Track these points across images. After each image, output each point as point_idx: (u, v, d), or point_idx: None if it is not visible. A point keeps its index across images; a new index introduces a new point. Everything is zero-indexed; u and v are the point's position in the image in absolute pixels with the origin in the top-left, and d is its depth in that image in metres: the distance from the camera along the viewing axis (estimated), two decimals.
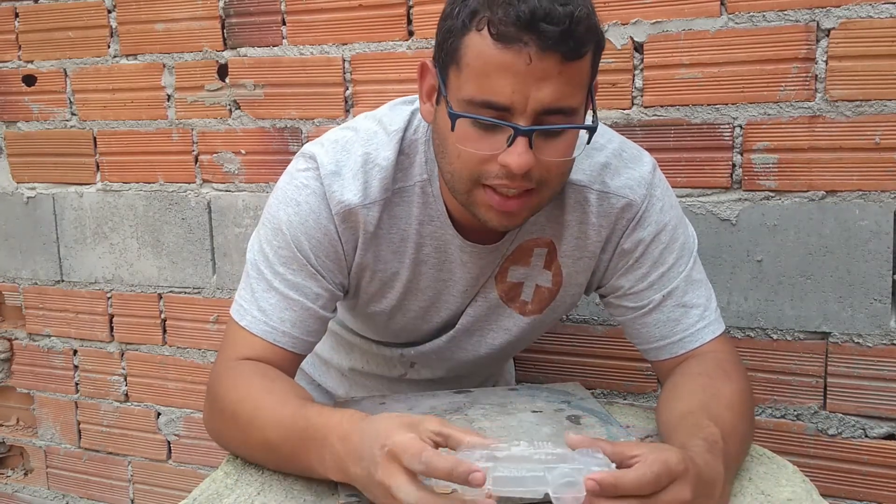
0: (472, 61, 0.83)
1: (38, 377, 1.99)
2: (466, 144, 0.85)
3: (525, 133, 0.82)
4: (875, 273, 1.28)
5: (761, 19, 1.28)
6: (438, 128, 0.91)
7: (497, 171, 0.85)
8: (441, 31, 0.87)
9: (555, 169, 0.87)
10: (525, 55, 0.80)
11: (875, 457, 1.34)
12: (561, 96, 0.82)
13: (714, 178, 1.35)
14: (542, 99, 0.81)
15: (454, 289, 1.06)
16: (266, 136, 1.65)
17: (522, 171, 0.83)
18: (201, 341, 1.79)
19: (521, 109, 0.82)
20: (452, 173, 0.89)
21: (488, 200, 0.88)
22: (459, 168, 0.88)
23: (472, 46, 0.82)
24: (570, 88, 0.83)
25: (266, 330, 0.98)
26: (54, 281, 1.91)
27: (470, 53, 0.83)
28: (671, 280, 1.02)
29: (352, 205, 0.97)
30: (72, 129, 1.82)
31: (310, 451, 0.83)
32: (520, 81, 0.81)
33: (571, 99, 0.84)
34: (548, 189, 0.89)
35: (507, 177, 0.85)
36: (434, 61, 0.90)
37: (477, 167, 0.87)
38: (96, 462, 1.97)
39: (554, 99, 0.82)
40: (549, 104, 0.82)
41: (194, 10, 1.65)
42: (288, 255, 0.98)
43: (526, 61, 0.80)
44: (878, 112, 1.24)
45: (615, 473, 0.69)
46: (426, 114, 0.94)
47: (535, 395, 1.09)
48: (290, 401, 0.89)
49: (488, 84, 0.82)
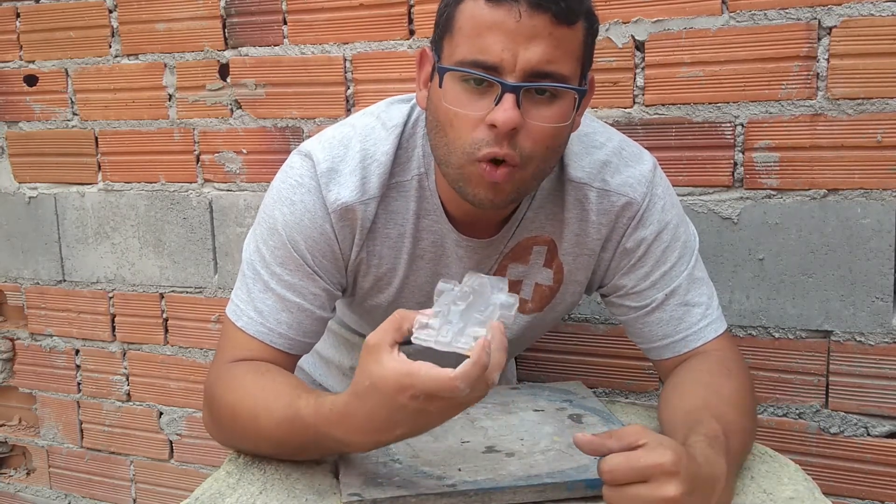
0: (464, 24, 0.84)
1: (40, 377, 1.99)
2: (456, 105, 0.86)
3: (512, 90, 0.83)
4: (877, 271, 1.28)
5: (762, 17, 1.28)
6: (432, 104, 0.91)
7: (486, 135, 0.85)
8: (438, 11, 0.90)
9: (542, 137, 0.86)
10: (515, 12, 0.81)
11: (877, 455, 1.34)
12: (550, 59, 0.83)
13: (715, 177, 1.35)
14: (531, 58, 0.82)
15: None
16: (267, 135, 1.65)
17: (508, 126, 0.83)
18: (203, 341, 1.79)
19: (510, 68, 0.82)
20: (447, 145, 0.88)
21: (479, 172, 0.86)
22: (453, 138, 0.87)
23: (466, 11, 0.85)
24: (560, 53, 0.84)
25: (262, 331, 0.98)
26: (56, 281, 1.91)
27: (463, 18, 0.85)
28: (673, 279, 1.02)
29: (349, 202, 0.96)
30: (73, 128, 1.82)
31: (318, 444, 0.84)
32: (509, 39, 0.82)
33: (561, 64, 0.84)
34: (532, 164, 0.87)
35: (495, 141, 0.84)
36: (431, 44, 0.91)
37: (468, 134, 0.86)
38: (98, 462, 1.97)
39: (543, 60, 0.82)
40: (538, 65, 0.82)
41: (195, 9, 1.65)
42: (284, 256, 0.98)
43: (515, 18, 0.81)
44: (880, 110, 1.24)
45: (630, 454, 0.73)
46: (421, 100, 0.94)
47: (537, 393, 1.09)
48: (282, 396, 0.88)
49: (478, 43, 0.83)
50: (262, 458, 0.94)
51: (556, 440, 0.94)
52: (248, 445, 0.95)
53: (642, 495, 0.72)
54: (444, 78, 0.86)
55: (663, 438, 0.75)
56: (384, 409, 0.75)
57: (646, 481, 0.72)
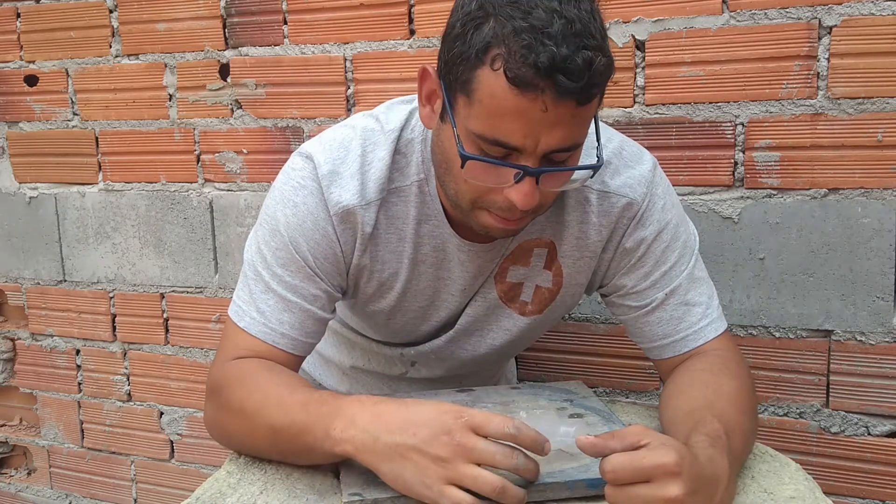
0: (484, 98, 0.81)
1: (40, 377, 1.99)
2: (474, 177, 0.86)
3: (533, 174, 0.83)
4: (878, 271, 1.28)
5: (763, 17, 1.28)
6: (442, 146, 0.90)
7: (501, 202, 0.87)
8: (449, 50, 0.84)
9: (554, 195, 0.90)
10: (540, 102, 0.78)
11: (878, 454, 1.34)
12: (571, 138, 0.83)
13: (716, 177, 1.35)
14: (552, 143, 0.82)
15: (452, 288, 1.06)
16: (268, 135, 1.65)
17: (528, 208, 0.85)
18: (204, 341, 1.80)
19: (531, 151, 0.82)
20: (457, 192, 0.90)
21: (491, 221, 0.90)
22: (465, 191, 0.89)
23: (485, 83, 0.80)
24: (581, 129, 0.84)
25: (265, 332, 0.98)
26: (57, 281, 1.91)
27: (482, 90, 0.81)
28: (674, 278, 1.02)
29: (350, 205, 0.96)
30: (74, 129, 1.83)
31: (317, 422, 0.84)
32: (532, 127, 0.80)
33: (579, 137, 0.85)
34: (544, 208, 0.92)
35: (509, 210, 0.87)
36: (438, 73, 0.88)
37: (482, 196, 0.88)
38: (99, 461, 1.97)
39: (564, 141, 0.83)
40: (559, 146, 0.83)
41: (196, 9, 1.65)
42: (286, 257, 0.98)
43: (541, 108, 0.79)
44: (881, 109, 1.24)
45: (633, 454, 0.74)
46: (426, 118, 0.93)
47: (538, 393, 1.09)
48: (300, 389, 0.90)
49: (500, 125, 0.81)
50: (262, 459, 0.94)
51: (557, 440, 0.94)
52: (248, 440, 0.94)
53: (645, 495, 0.72)
54: (460, 136, 0.85)
55: (666, 438, 0.75)
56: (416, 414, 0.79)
57: (648, 481, 0.72)
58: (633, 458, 0.73)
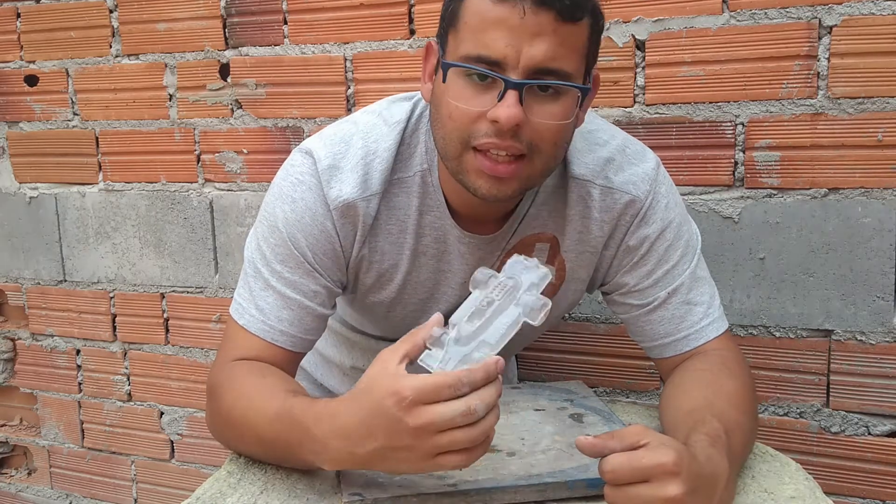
0: (469, 19, 0.85)
1: (41, 377, 1.99)
2: (459, 100, 0.86)
3: (515, 86, 0.82)
4: (878, 270, 1.28)
5: (763, 16, 1.28)
6: (435, 98, 0.91)
7: (487, 128, 0.85)
8: (444, 5, 0.90)
9: (546, 134, 0.86)
10: (519, 8, 0.81)
11: (878, 454, 1.34)
12: (554, 56, 0.83)
13: (716, 176, 1.35)
14: (535, 55, 0.82)
15: (453, 280, 1.06)
16: (268, 135, 1.65)
17: (511, 123, 0.83)
18: (204, 341, 1.80)
19: (514, 64, 0.82)
20: (444, 137, 0.89)
21: (479, 165, 0.87)
22: (451, 129, 0.87)
23: (470, 6, 0.85)
24: (564, 50, 0.84)
25: (264, 329, 0.98)
26: (57, 281, 1.91)
27: (468, 13, 0.85)
28: (676, 277, 1.02)
29: (351, 198, 0.96)
30: (74, 129, 1.83)
31: (302, 444, 0.83)
32: (514, 36, 0.82)
33: (565, 61, 0.84)
34: (539, 158, 0.88)
35: (496, 134, 0.84)
36: (437, 38, 0.91)
37: (468, 126, 0.86)
38: (100, 461, 1.97)
39: (547, 57, 0.82)
40: (542, 62, 0.82)
41: (196, 9, 1.65)
42: (285, 253, 0.98)
43: (520, 14, 0.81)
44: (881, 109, 1.24)
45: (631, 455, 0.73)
46: (426, 93, 0.94)
47: (538, 393, 1.09)
48: (277, 395, 0.88)
49: (483, 38, 0.83)
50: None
51: (557, 440, 0.94)
52: (241, 446, 0.95)
53: (644, 495, 0.72)
54: (448, 73, 0.86)
55: (665, 438, 0.75)
56: (367, 413, 0.75)
57: (647, 481, 0.72)
58: (632, 457, 0.73)
